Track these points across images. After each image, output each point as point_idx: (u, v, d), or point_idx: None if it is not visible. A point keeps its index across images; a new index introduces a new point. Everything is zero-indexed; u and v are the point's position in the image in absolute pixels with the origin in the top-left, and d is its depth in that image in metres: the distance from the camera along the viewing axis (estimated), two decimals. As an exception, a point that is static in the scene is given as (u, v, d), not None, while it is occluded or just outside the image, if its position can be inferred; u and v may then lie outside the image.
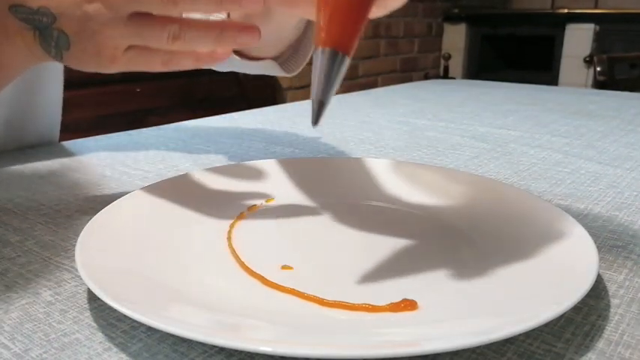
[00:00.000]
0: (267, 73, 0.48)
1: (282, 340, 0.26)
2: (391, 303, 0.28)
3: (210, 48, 0.34)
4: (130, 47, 0.34)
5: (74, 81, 0.71)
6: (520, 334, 0.25)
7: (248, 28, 0.31)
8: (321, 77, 0.27)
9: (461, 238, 0.37)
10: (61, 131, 0.68)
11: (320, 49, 0.27)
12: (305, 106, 0.89)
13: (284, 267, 0.32)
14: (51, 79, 0.61)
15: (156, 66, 0.35)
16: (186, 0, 0.31)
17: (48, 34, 0.33)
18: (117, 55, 0.34)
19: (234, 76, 2.02)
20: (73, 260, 0.33)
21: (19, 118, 0.60)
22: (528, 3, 3.18)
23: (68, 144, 0.65)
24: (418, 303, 0.28)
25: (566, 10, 2.81)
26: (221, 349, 0.26)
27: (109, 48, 0.33)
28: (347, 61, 0.28)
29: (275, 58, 0.47)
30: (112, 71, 0.35)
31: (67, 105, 0.66)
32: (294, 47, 0.47)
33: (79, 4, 0.32)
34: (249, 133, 0.72)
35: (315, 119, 0.28)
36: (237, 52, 0.45)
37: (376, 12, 0.29)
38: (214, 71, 0.50)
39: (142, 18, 0.33)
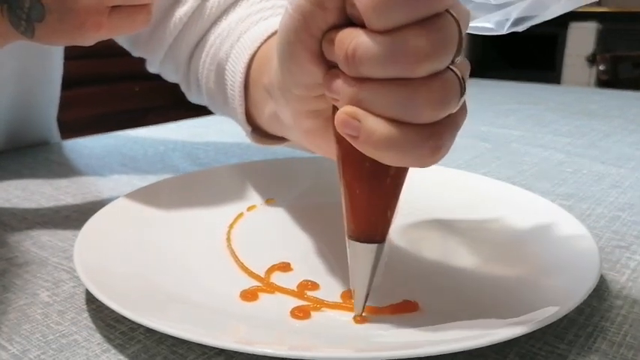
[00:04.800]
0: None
1: (282, 342, 0.26)
2: (392, 304, 0.28)
3: None
4: (112, 10, 0.32)
5: (73, 80, 0.71)
6: (522, 336, 0.25)
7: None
8: (358, 269, 0.26)
9: (462, 239, 0.36)
10: (61, 131, 0.67)
11: (353, 242, 0.25)
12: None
13: (283, 267, 0.32)
14: (50, 79, 0.61)
15: (139, 25, 0.33)
16: None
17: (19, 5, 0.31)
18: (101, 21, 0.31)
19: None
20: (71, 261, 0.32)
21: (17, 118, 0.59)
22: (530, 2, 3.18)
23: (66, 144, 0.65)
24: (419, 304, 0.28)
25: (568, 9, 2.81)
26: (220, 351, 0.25)
27: (93, 14, 0.31)
28: (384, 247, 0.25)
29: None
30: (89, 42, 0.33)
31: (66, 104, 0.66)
32: None
33: None
34: (250, 132, 0.71)
35: (360, 310, 0.27)
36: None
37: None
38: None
39: None
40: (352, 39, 0.21)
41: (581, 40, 2.77)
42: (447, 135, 0.22)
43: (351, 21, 0.22)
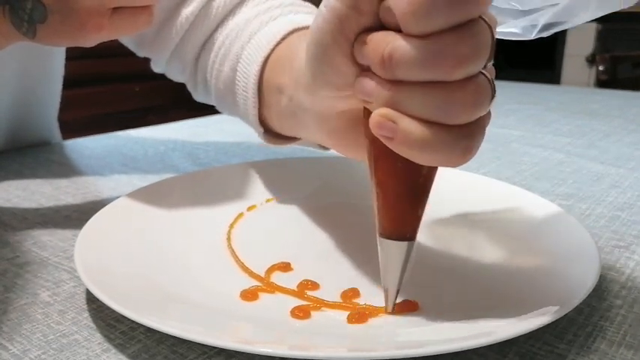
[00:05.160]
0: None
1: (282, 341, 0.26)
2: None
3: None
4: (114, 12, 0.32)
5: (73, 80, 0.71)
6: (522, 335, 0.25)
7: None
8: (390, 266, 0.26)
9: (461, 239, 0.36)
10: (61, 131, 0.68)
11: (385, 240, 0.26)
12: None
13: (284, 267, 0.32)
14: (51, 79, 0.61)
15: (140, 26, 0.33)
16: None
17: (21, 6, 0.31)
18: (103, 22, 0.31)
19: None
20: (72, 261, 0.32)
21: (17, 118, 0.59)
22: (530, 2, 3.18)
23: (67, 143, 0.65)
24: (419, 304, 0.28)
25: (568, 9, 2.80)
26: (220, 351, 0.25)
27: (94, 15, 0.31)
28: (414, 244, 0.26)
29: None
30: (91, 44, 0.33)
31: (66, 104, 0.66)
32: None
33: None
34: (249, 132, 0.72)
35: (391, 307, 0.27)
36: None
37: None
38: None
39: None
40: (388, 42, 0.22)
41: (581, 40, 2.77)
42: (478, 135, 0.23)
43: (382, 25, 0.23)
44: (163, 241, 0.34)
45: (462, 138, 0.22)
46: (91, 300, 0.30)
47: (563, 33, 2.80)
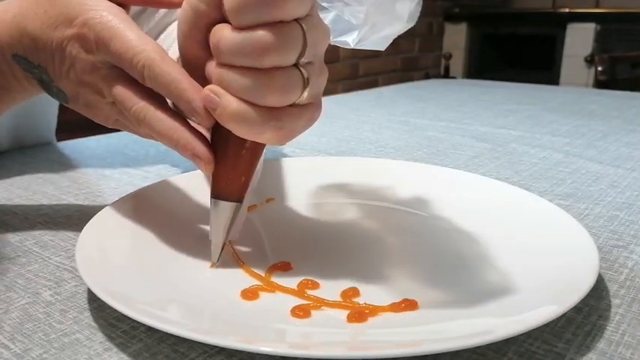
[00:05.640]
0: None
1: (282, 340, 0.26)
2: (392, 303, 0.28)
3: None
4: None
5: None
6: (521, 334, 0.25)
7: (201, 159, 0.30)
8: (217, 223, 0.32)
9: (461, 238, 0.37)
10: (62, 131, 0.68)
11: (215, 200, 0.31)
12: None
13: (284, 267, 0.32)
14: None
15: (141, 135, 0.35)
16: (147, 124, 0.31)
17: (49, 87, 0.35)
18: (108, 121, 0.35)
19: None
20: (73, 260, 0.33)
21: (19, 118, 0.59)
22: (529, 2, 3.18)
23: (68, 144, 0.65)
24: (419, 303, 0.28)
25: (567, 10, 2.81)
26: (221, 350, 0.25)
27: (101, 116, 0.35)
28: (239, 207, 0.31)
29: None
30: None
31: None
32: None
33: (73, 82, 0.33)
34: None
35: (214, 257, 0.32)
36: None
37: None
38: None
39: None
40: (219, 32, 0.27)
41: (580, 40, 2.77)
42: (287, 119, 0.28)
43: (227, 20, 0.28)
44: (164, 241, 0.35)
45: (271, 118, 0.27)
46: (93, 299, 0.30)
47: (562, 34, 2.81)
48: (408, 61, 3.08)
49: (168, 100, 0.32)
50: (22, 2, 0.33)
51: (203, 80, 0.30)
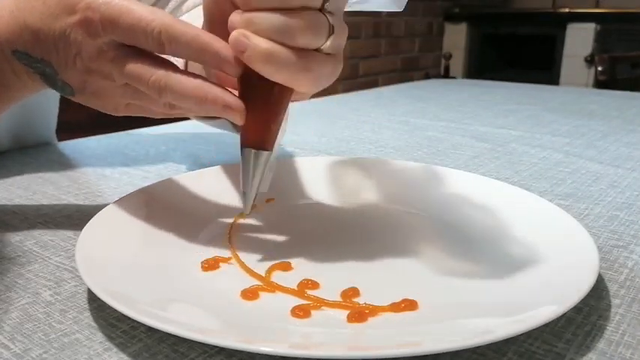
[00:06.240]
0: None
1: (283, 340, 0.26)
2: (392, 303, 0.28)
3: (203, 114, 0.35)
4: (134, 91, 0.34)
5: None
6: (521, 334, 0.25)
7: (233, 109, 0.30)
8: (249, 172, 0.32)
9: (461, 238, 0.37)
10: (62, 131, 0.68)
11: (247, 149, 0.31)
12: (307, 107, 0.89)
13: (284, 267, 0.32)
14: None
15: (157, 114, 0.35)
16: (169, 90, 0.31)
17: (53, 81, 0.34)
18: (118, 108, 0.35)
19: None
20: (73, 260, 0.33)
21: (19, 119, 0.59)
22: (529, 2, 3.18)
23: (68, 144, 0.65)
24: (419, 303, 0.28)
25: (567, 10, 2.81)
26: (221, 350, 0.26)
27: (110, 104, 0.34)
28: (269, 155, 0.32)
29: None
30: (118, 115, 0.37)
31: (67, 104, 0.66)
32: None
33: (79, 71, 0.32)
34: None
35: (246, 208, 0.33)
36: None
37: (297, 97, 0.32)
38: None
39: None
40: None
41: (580, 40, 2.77)
42: (314, 63, 0.29)
43: None
44: (164, 241, 0.35)
45: (300, 58, 0.28)
46: (92, 299, 0.30)
47: (562, 34, 2.81)
48: (408, 61, 3.08)
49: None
50: None
51: (227, 38, 0.30)
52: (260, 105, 0.31)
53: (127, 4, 0.30)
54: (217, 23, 0.31)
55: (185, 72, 0.31)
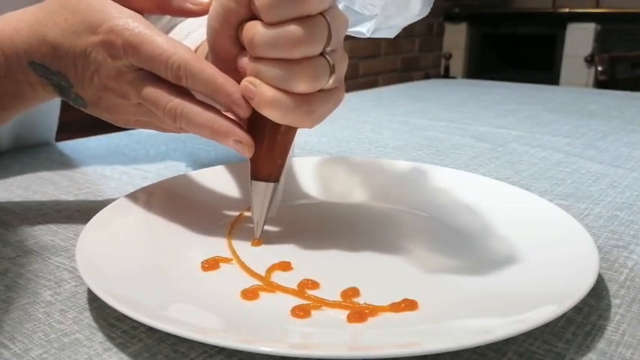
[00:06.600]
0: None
1: (283, 340, 0.26)
2: (392, 303, 0.28)
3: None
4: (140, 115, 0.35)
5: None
6: (521, 334, 0.25)
7: (243, 143, 0.32)
8: (258, 202, 0.35)
9: (461, 238, 0.37)
10: (62, 131, 0.68)
11: (255, 181, 0.34)
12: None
13: (284, 267, 0.32)
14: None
15: (165, 131, 0.37)
16: (184, 119, 0.32)
17: (67, 93, 0.35)
18: (129, 123, 0.36)
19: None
20: (73, 260, 0.33)
21: (20, 119, 0.59)
22: (529, 2, 3.18)
23: (68, 144, 0.65)
24: (419, 303, 0.28)
25: (567, 10, 2.81)
26: (221, 350, 0.26)
27: (121, 119, 0.36)
28: (277, 186, 0.35)
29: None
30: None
31: (68, 105, 0.66)
32: None
33: (95, 87, 0.34)
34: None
35: (257, 233, 0.35)
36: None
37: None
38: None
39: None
40: (253, 28, 0.30)
41: (580, 40, 2.77)
42: (317, 104, 0.31)
43: (256, 16, 0.30)
44: (164, 241, 0.35)
45: (303, 103, 0.30)
46: (92, 299, 0.30)
47: (562, 34, 2.81)
48: (408, 61, 3.08)
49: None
50: (38, 11, 0.34)
51: (231, 73, 0.32)
52: (268, 142, 0.33)
53: (149, 34, 0.31)
54: (221, 58, 0.33)
55: (199, 102, 0.32)
